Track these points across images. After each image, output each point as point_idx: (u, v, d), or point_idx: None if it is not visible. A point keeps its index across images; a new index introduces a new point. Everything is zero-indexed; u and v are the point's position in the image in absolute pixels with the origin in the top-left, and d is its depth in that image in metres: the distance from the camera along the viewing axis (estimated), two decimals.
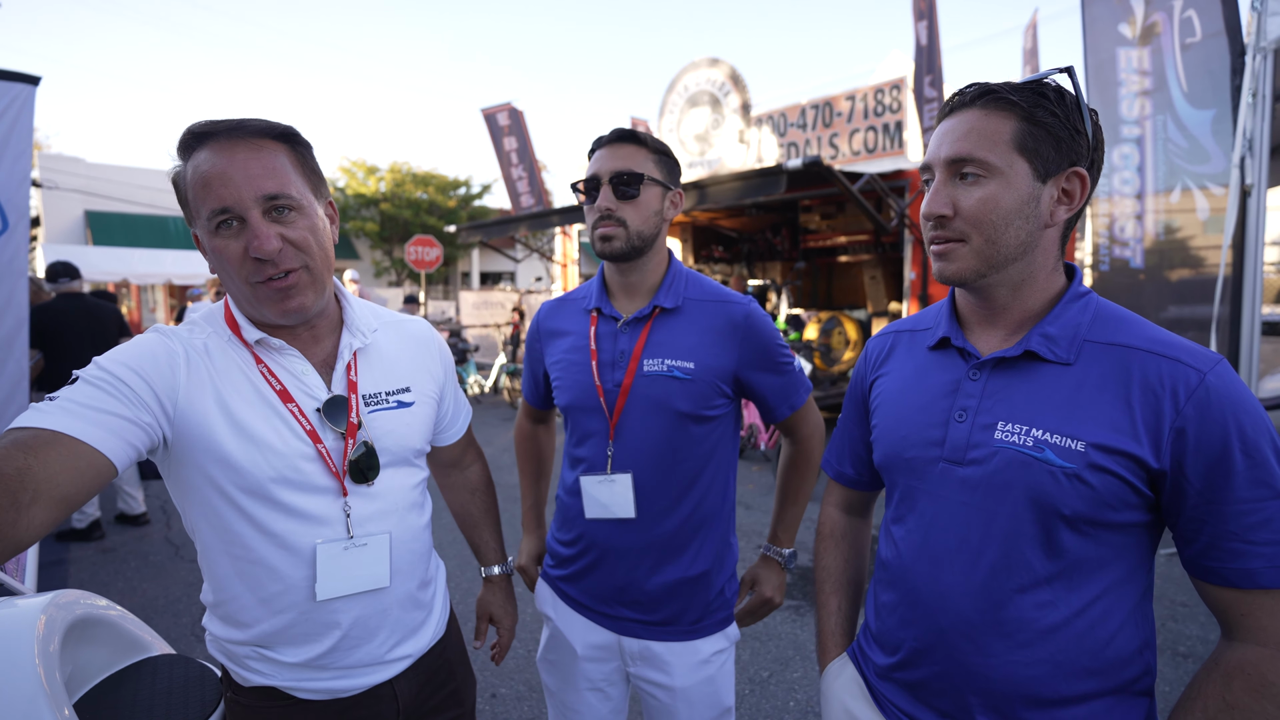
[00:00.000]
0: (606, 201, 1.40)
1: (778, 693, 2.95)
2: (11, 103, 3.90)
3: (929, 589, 1.01)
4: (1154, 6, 4.79)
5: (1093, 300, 0.99)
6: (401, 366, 1.27)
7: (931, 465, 1.03)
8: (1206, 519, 0.87)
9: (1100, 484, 0.89)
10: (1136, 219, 5.17)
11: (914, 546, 1.05)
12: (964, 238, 0.96)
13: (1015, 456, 0.94)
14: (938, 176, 0.97)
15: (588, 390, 1.46)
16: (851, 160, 9.30)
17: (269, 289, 1.06)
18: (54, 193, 17.34)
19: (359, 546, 1.12)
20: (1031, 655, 0.94)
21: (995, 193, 0.93)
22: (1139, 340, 0.92)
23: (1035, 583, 0.94)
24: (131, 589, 4.01)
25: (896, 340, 1.19)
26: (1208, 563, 0.89)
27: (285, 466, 1.08)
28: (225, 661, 1.17)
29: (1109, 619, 0.93)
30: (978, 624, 0.96)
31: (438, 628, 1.31)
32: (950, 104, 0.99)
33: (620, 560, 1.46)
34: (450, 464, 1.53)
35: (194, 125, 1.05)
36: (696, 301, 1.47)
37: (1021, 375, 0.97)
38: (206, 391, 1.06)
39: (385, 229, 22.45)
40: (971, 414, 0.99)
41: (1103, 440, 0.89)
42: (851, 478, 1.29)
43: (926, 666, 1.02)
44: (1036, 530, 0.93)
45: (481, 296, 14.84)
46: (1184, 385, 0.87)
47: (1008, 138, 0.93)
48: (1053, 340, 0.96)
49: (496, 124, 13.15)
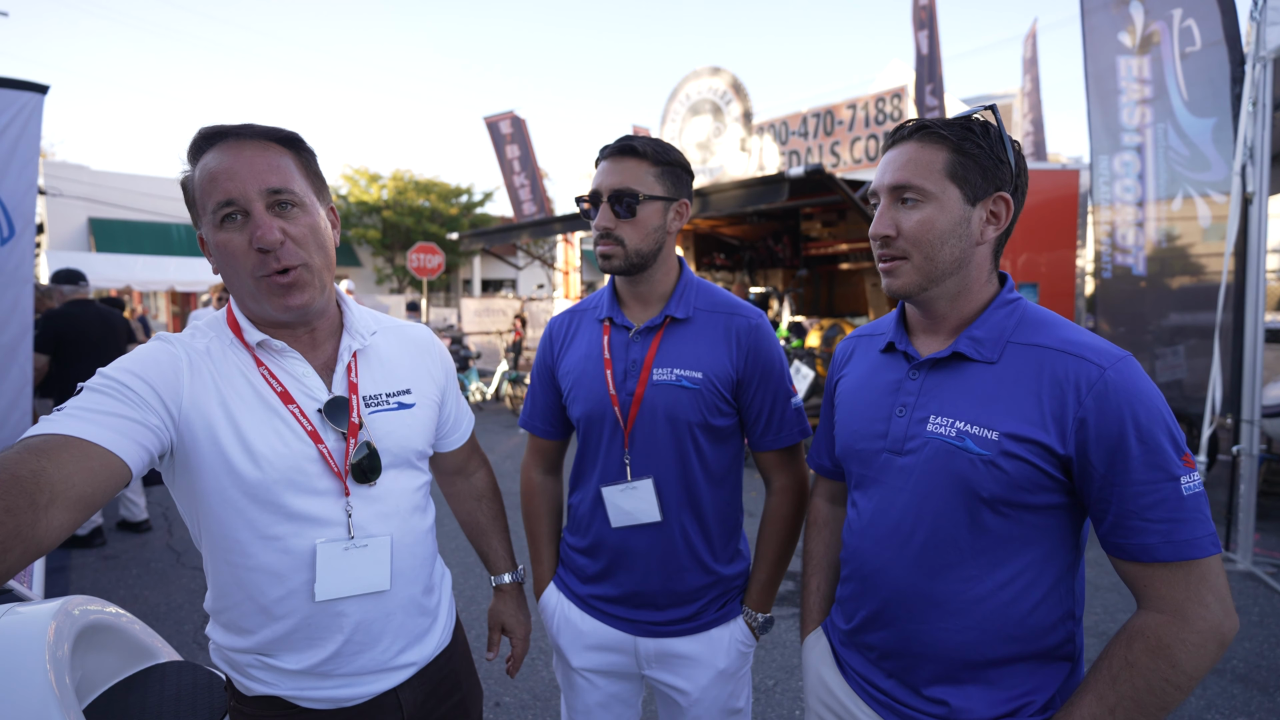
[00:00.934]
0: (604, 221, 1.40)
1: (783, 701, 2.94)
2: (20, 111, 3.93)
3: (874, 565, 1.13)
4: (1153, 16, 4.82)
5: (1020, 306, 1.10)
6: (402, 369, 1.28)
7: (876, 455, 1.14)
8: (1110, 500, 0.96)
9: (1012, 469, 0.99)
10: (1138, 226, 5.18)
11: (863, 527, 1.17)
12: (906, 255, 1.08)
13: (942, 446, 1.05)
14: (882, 202, 1.10)
15: (602, 399, 1.46)
16: (853, 168, 9.33)
17: (272, 284, 1.07)
18: (58, 200, 17.41)
19: (359, 548, 1.13)
20: (960, 623, 1.05)
21: (931, 215, 1.06)
22: (1053, 341, 1.03)
23: (961, 559, 1.05)
24: (133, 596, 4.00)
25: (857, 344, 1.32)
26: (1114, 539, 0.98)
27: (288, 467, 1.08)
28: (228, 671, 1.16)
29: (1030, 592, 1.03)
30: (914, 595, 1.08)
31: (443, 636, 1.31)
32: (892, 138, 1.12)
33: (641, 564, 1.46)
34: (455, 471, 1.52)
35: (204, 129, 1.09)
36: (707, 312, 1.48)
37: (952, 374, 1.09)
38: (210, 395, 1.07)
39: (387, 236, 22.52)
40: (910, 409, 1.11)
41: (1014, 430, 1.00)
42: (829, 469, 1.39)
43: (875, 633, 1.15)
44: (961, 512, 1.04)
45: (483, 304, 14.86)
46: (1085, 379, 0.97)
47: (940, 167, 1.05)
48: (979, 342, 1.07)
49: (499, 132, 13.21)
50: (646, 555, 1.45)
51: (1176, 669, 0.93)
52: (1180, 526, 0.93)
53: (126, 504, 5.03)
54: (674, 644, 1.48)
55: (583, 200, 1.45)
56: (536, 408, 1.64)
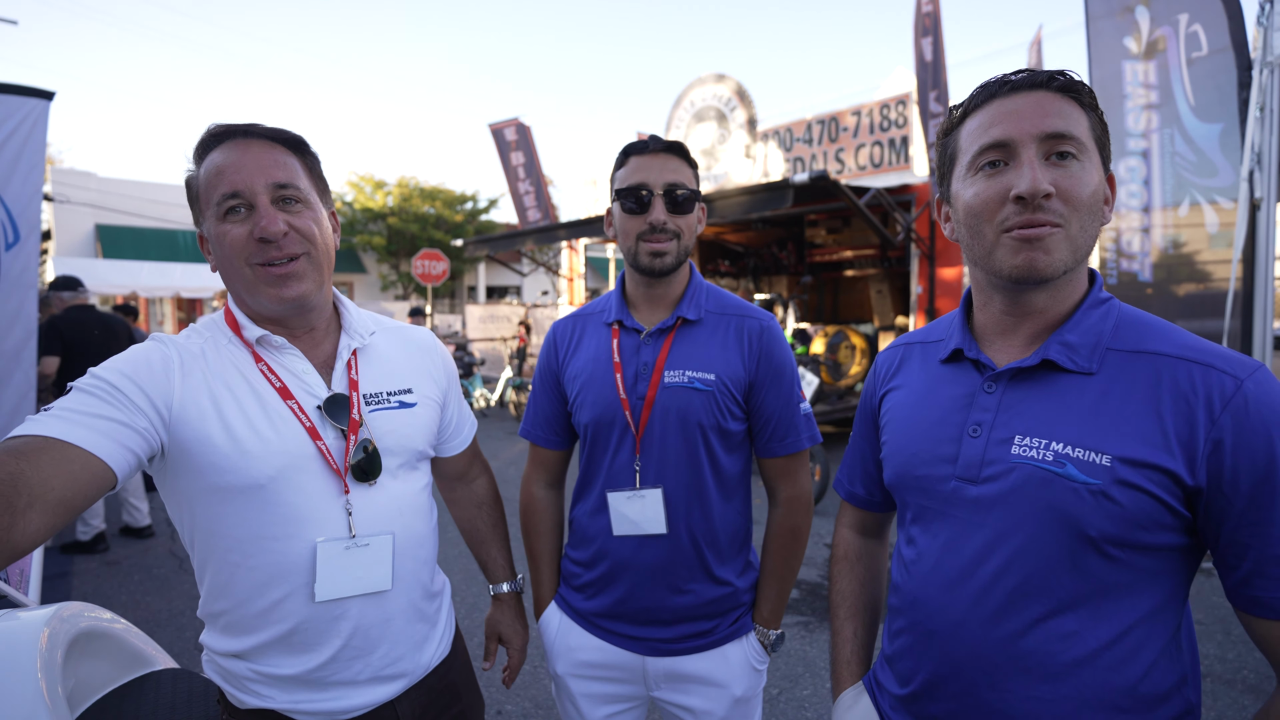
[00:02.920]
0: (661, 214, 1.37)
1: (788, 710, 2.90)
2: (25, 117, 3.95)
3: (941, 617, 0.94)
4: (1159, 21, 4.80)
5: (1115, 306, 0.93)
6: (403, 368, 1.28)
7: (943, 483, 0.96)
8: (1250, 542, 0.80)
9: (1129, 502, 0.82)
10: (1144, 232, 5.15)
11: (925, 571, 0.98)
12: (1062, 223, 0.86)
13: (1034, 473, 0.87)
14: (1026, 153, 0.86)
15: (612, 404, 1.42)
16: (857, 175, 9.32)
17: (269, 273, 1.08)
18: (65, 206, 17.53)
19: (361, 546, 1.11)
20: (1054, 692, 0.86)
21: (1091, 175, 0.87)
22: (1168, 346, 0.86)
23: (1058, 611, 0.86)
24: (135, 602, 3.99)
25: (907, 353, 1.13)
26: (1252, 592, 0.81)
27: (285, 464, 1.07)
28: (222, 684, 1.14)
29: (1142, 652, 0.85)
30: (993, 657, 0.89)
31: (442, 645, 1.29)
32: (1008, 83, 0.90)
33: (646, 577, 1.42)
34: (456, 477, 1.51)
35: (211, 128, 1.10)
36: (717, 314, 1.46)
37: (1040, 387, 0.91)
38: (202, 394, 1.06)
39: (392, 243, 22.59)
40: (987, 428, 0.93)
41: (1131, 453, 0.82)
42: (863, 498, 1.23)
43: (941, 702, 0.95)
44: (1059, 553, 0.85)
45: (488, 310, 14.88)
46: (1219, 393, 0.80)
47: (1086, 124, 0.88)
48: (1072, 348, 0.90)
49: (504, 139, 13.26)
50: (652, 567, 1.41)
51: None
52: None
53: (130, 509, 5.03)
54: (685, 663, 1.43)
55: (623, 194, 1.40)
56: (539, 415, 1.58)
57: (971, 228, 0.93)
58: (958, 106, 0.96)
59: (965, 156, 0.93)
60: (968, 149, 0.92)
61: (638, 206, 1.39)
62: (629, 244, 1.41)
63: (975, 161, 0.91)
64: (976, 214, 0.91)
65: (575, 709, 1.51)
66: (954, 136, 0.96)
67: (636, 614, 1.43)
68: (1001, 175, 0.88)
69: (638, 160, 1.41)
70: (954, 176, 0.96)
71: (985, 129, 0.90)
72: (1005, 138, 0.88)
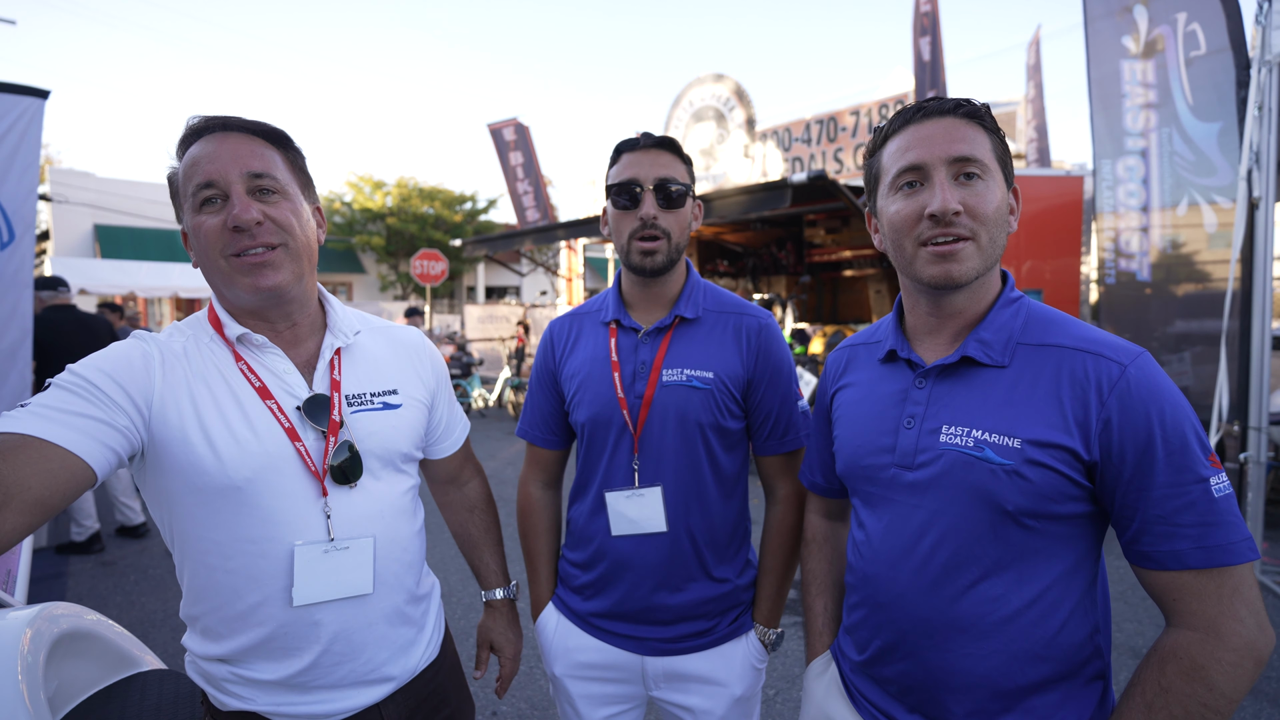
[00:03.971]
0: (651, 209, 1.36)
1: (784, 711, 2.89)
2: (20, 116, 3.94)
3: (888, 590, 1.05)
4: (1157, 20, 4.79)
5: (1024, 304, 1.05)
6: (388, 369, 1.26)
7: (884, 471, 1.07)
8: (1136, 505, 0.91)
9: (1038, 478, 0.93)
10: (1142, 232, 5.14)
11: (872, 550, 1.09)
12: (973, 236, 0.98)
13: (958, 458, 0.98)
14: (937, 175, 0.99)
15: (609, 403, 1.41)
16: (856, 175, 9.31)
17: (244, 263, 1.06)
18: (64, 206, 17.51)
19: (340, 550, 1.09)
20: (987, 647, 0.98)
21: (993, 192, 0.99)
22: (1066, 339, 0.98)
23: (985, 578, 0.98)
24: (130, 603, 3.98)
25: (853, 354, 1.24)
26: (1140, 547, 0.93)
27: (263, 465, 1.05)
28: (204, 685, 1.13)
29: (1059, 607, 0.97)
30: (934, 621, 1.00)
31: (430, 649, 1.27)
32: (921, 111, 1.02)
33: (646, 576, 1.41)
34: (448, 480, 1.48)
35: (191, 122, 1.09)
36: (715, 312, 1.45)
37: (962, 380, 1.02)
38: (182, 392, 1.04)
39: (391, 243, 22.58)
40: (919, 420, 1.04)
41: (1037, 436, 0.94)
42: (823, 486, 1.32)
43: (893, 664, 1.06)
44: (982, 527, 0.97)
45: (487, 310, 14.87)
46: (1107, 378, 0.92)
47: (989, 146, 1.00)
48: (987, 345, 1.01)
49: (503, 139, 13.25)
50: (652, 566, 1.40)
51: (1214, 692, 0.86)
52: (1212, 530, 0.88)
53: (122, 508, 5.01)
54: (684, 662, 1.43)
55: (613, 190, 1.39)
56: (535, 415, 1.57)
57: (894, 241, 1.04)
58: (880, 129, 1.08)
59: (887, 176, 1.04)
60: (889, 169, 1.04)
61: (629, 202, 1.38)
62: (622, 242, 1.40)
63: (895, 182, 1.03)
64: (898, 229, 1.03)
65: (574, 710, 1.50)
66: (877, 157, 1.08)
67: (636, 614, 1.42)
68: (917, 195, 1.00)
69: (629, 156, 1.40)
70: (879, 194, 1.08)
71: (903, 152, 1.02)
72: (919, 161, 0.99)
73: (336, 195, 22.87)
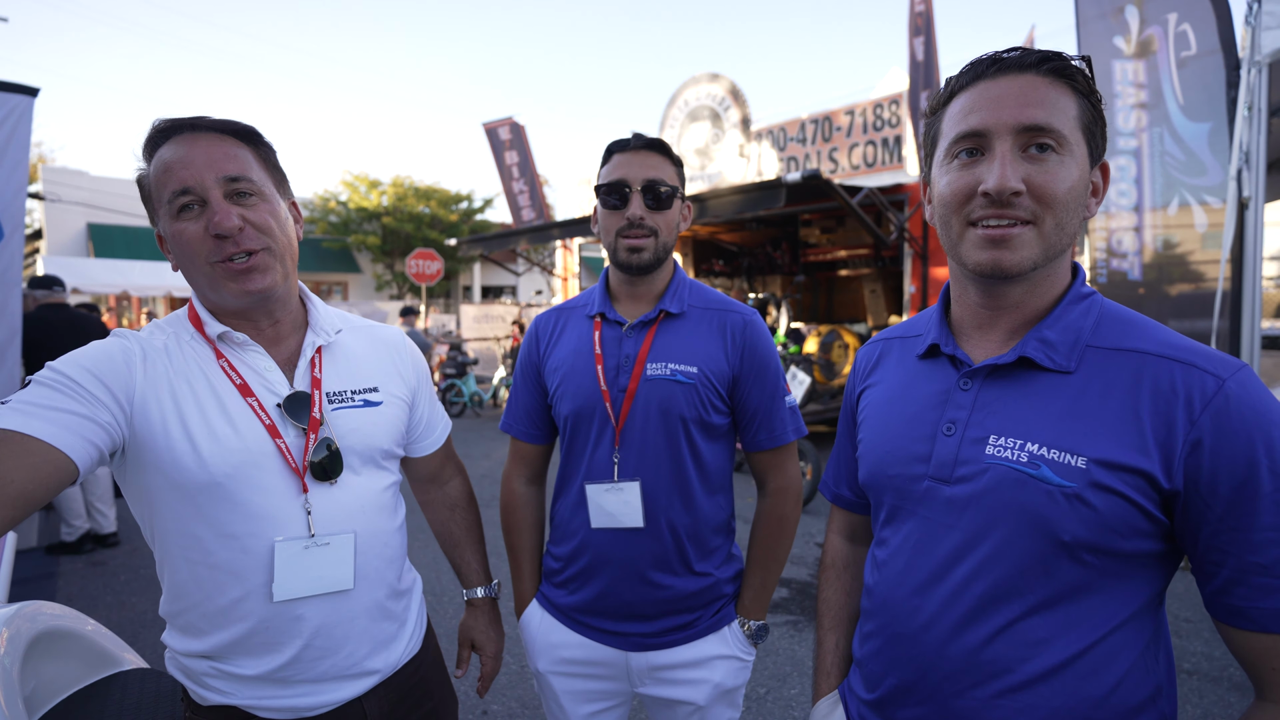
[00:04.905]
0: (638, 209, 1.38)
1: (775, 710, 2.89)
2: (10, 113, 3.92)
3: (910, 621, 0.91)
4: (1149, 21, 4.81)
5: (1097, 302, 0.90)
6: (369, 367, 1.26)
7: (916, 483, 0.93)
8: (1229, 549, 0.76)
9: (1104, 506, 0.79)
10: (1135, 231, 5.16)
11: (895, 573, 0.95)
12: (1033, 220, 0.83)
13: (1008, 474, 0.84)
14: (1002, 146, 0.82)
15: (592, 395, 1.42)
16: (851, 174, 9.32)
17: (228, 269, 1.06)
18: (57, 205, 17.43)
19: (320, 546, 1.09)
20: (1022, 702, 0.83)
21: (1069, 170, 0.82)
22: (1149, 344, 0.83)
23: (1029, 617, 0.83)
24: (120, 603, 3.96)
25: (886, 348, 1.10)
26: (1231, 601, 0.78)
27: (243, 463, 1.05)
28: (183, 680, 1.13)
29: (1114, 662, 0.82)
30: (961, 662, 0.86)
31: (412, 643, 1.27)
32: (997, 63, 0.85)
33: (626, 572, 1.41)
34: (429, 479, 1.48)
35: (157, 123, 1.08)
36: (700, 309, 1.47)
37: (1017, 385, 0.87)
38: (163, 389, 1.05)
39: (387, 243, 22.53)
40: (961, 427, 0.90)
41: (1107, 455, 0.79)
42: (849, 500, 1.19)
43: (907, 708, 0.92)
44: (1031, 558, 0.82)
45: (482, 310, 14.85)
46: (1200, 393, 0.77)
47: (1074, 113, 0.83)
48: (1051, 346, 0.86)
49: (498, 138, 13.23)
50: (632, 561, 1.40)
51: None
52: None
53: (96, 514, 4.94)
54: (667, 656, 1.43)
55: (604, 190, 1.41)
56: (519, 409, 1.59)
57: (943, 218, 0.90)
58: (949, 81, 0.91)
59: (944, 141, 0.89)
60: (948, 133, 0.88)
61: (618, 202, 1.40)
62: (610, 240, 1.42)
63: (952, 149, 0.87)
64: (947, 204, 0.88)
65: (559, 707, 1.50)
66: (939, 117, 0.92)
67: (618, 609, 1.43)
68: (975, 166, 0.85)
69: (620, 157, 1.42)
70: (934, 161, 0.93)
71: (965, 115, 0.86)
72: (981, 127, 0.83)
73: (332, 194, 22.82)
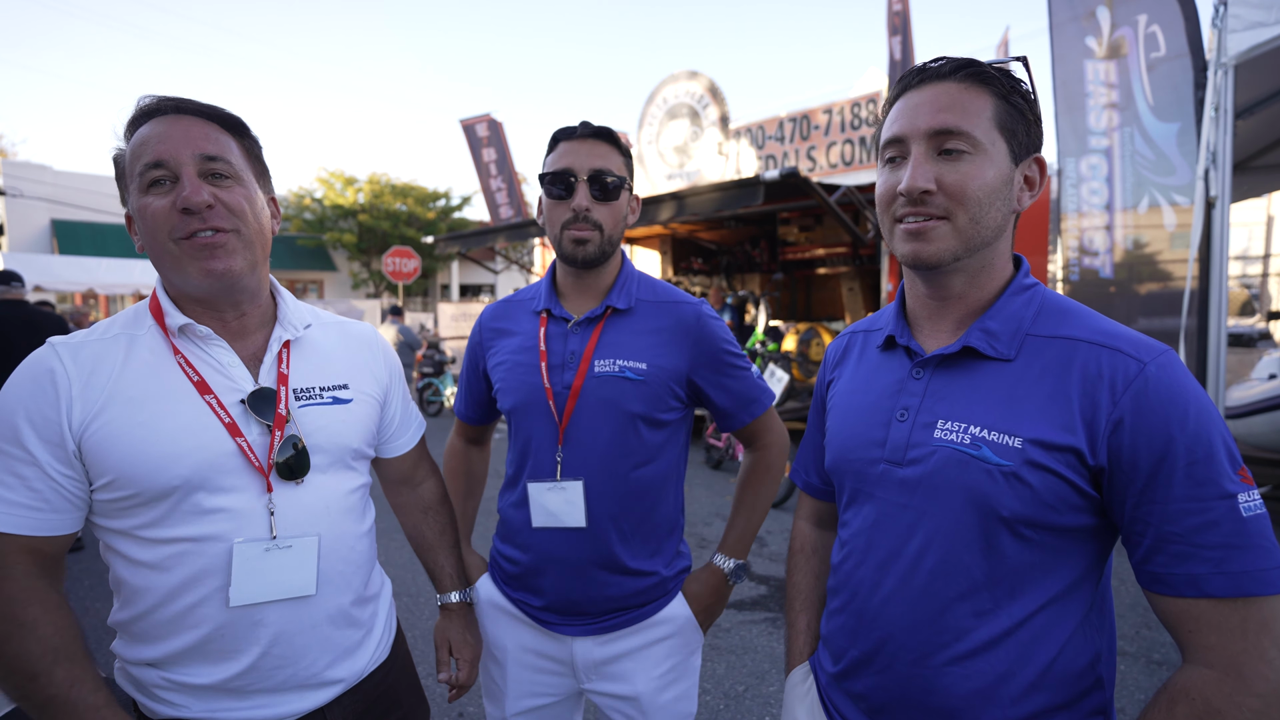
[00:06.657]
0: (584, 200, 1.33)
1: (753, 707, 2.88)
2: None
3: (871, 596, 0.98)
4: (1120, 22, 4.89)
5: (1039, 293, 0.96)
6: (340, 363, 1.22)
7: (873, 466, 1.00)
8: (1149, 520, 0.82)
9: (1039, 483, 0.85)
10: (1106, 230, 5.24)
11: (857, 551, 1.02)
12: (947, 215, 0.90)
13: (952, 455, 0.90)
14: (916, 150, 0.91)
15: (535, 391, 1.39)
16: (829, 173, 9.37)
17: (194, 245, 1.01)
18: (19, 200, 16.96)
19: (282, 549, 1.05)
20: (971, 668, 0.89)
21: (981, 168, 0.89)
22: (1082, 331, 0.89)
23: (974, 589, 0.89)
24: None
25: (852, 341, 1.18)
26: (1152, 569, 0.83)
27: (200, 463, 1.01)
28: (133, 692, 1.08)
29: (1056, 629, 0.88)
30: (916, 632, 0.92)
31: (379, 650, 1.23)
32: (920, 74, 0.93)
33: (570, 572, 1.39)
34: (401, 480, 1.44)
35: (142, 102, 1.05)
36: (649, 303, 1.43)
37: (962, 372, 0.95)
38: (107, 401, 1.00)
39: (363, 240, 22.25)
40: (913, 413, 0.97)
41: (1039, 435, 0.85)
42: (818, 487, 1.24)
43: (868, 677, 0.98)
44: (975, 533, 0.89)
45: (460, 309, 14.71)
46: (1123, 375, 0.83)
47: (989, 114, 0.90)
48: (993, 335, 0.93)
49: (475, 135, 13.11)
50: (575, 562, 1.38)
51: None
52: (1237, 554, 0.77)
53: None
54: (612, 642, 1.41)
55: (549, 179, 1.36)
56: (469, 398, 1.61)
57: (879, 216, 0.99)
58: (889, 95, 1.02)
59: (880, 147, 0.99)
60: (881, 140, 0.99)
61: (563, 192, 1.35)
62: (555, 232, 1.38)
63: (883, 154, 0.97)
64: (880, 204, 0.98)
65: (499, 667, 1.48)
66: (881, 126, 1.02)
67: (564, 607, 1.41)
68: (898, 169, 0.94)
69: (566, 145, 1.38)
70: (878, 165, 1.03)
71: (890, 123, 0.95)
72: (900, 133, 0.93)
73: (307, 191, 22.47)
